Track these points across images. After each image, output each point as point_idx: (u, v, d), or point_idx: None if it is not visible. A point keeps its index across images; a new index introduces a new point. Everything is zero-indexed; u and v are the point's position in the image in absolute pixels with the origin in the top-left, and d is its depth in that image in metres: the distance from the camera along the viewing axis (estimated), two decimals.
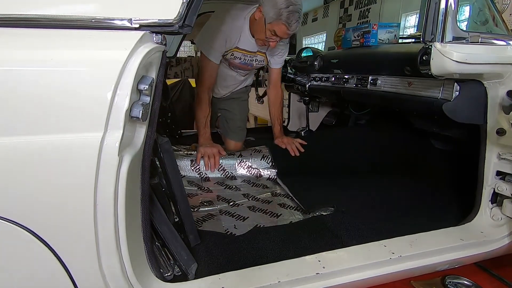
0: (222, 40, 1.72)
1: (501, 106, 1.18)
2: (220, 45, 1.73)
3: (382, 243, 1.15)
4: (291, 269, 1.02)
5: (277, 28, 1.59)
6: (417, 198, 1.51)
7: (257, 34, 1.70)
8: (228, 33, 1.71)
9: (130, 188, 0.78)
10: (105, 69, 0.71)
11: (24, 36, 0.72)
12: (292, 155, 1.87)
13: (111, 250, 0.77)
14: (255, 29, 1.70)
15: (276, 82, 2.06)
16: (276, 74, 2.04)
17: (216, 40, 1.71)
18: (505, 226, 1.24)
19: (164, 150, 1.01)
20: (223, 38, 1.71)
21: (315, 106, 2.74)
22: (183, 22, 0.79)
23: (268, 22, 1.59)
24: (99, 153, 0.70)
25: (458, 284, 1.27)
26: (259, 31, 1.67)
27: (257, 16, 1.64)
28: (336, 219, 1.30)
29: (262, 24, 1.61)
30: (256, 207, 1.49)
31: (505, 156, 1.20)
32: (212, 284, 0.96)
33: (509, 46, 1.21)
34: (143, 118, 0.75)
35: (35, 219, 0.72)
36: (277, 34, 1.62)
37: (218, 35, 1.70)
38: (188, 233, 1.09)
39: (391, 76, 1.59)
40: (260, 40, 1.71)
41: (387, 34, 1.79)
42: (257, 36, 1.71)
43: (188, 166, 1.79)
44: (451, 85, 1.24)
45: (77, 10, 0.76)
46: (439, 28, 1.12)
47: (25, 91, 0.67)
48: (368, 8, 5.78)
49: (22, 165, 0.69)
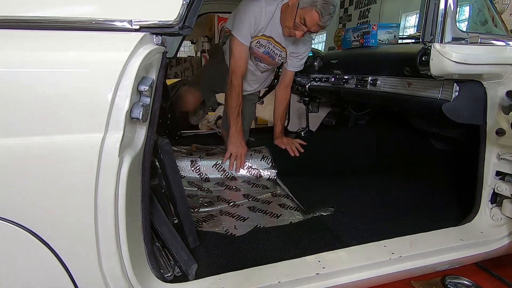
0: (252, 21, 1.70)
1: (501, 106, 1.18)
2: (250, 26, 1.70)
3: (382, 243, 1.16)
4: (291, 270, 1.02)
5: (309, 15, 1.58)
6: (417, 198, 1.51)
7: (287, 21, 1.67)
8: (259, 16, 1.69)
9: (130, 189, 0.78)
10: (105, 70, 0.71)
11: (25, 38, 0.72)
12: (291, 155, 1.88)
13: (111, 251, 0.78)
14: (286, 17, 1.68)
15: (289, 84, 2.08)
16: (290, 77, 2.06)
17: (246, 21, 1.69)
18: (504, 226, 1.25)
19: (164, 151, 1.02)
20: (253, 20, 1.69)
21: (315, 106, 2.74)
22: (183, 24, 0.79)
23: (301, 7, 1.58)
24: (99, 154, 0.71)
25: (458, 284, 1.28)
26: (289, 18, 1.64)
27: (291, 1, 1.63)
28: (336, 219, 1.30)
29: (294, 10, 1.60)
30: (256, 208, 1.49)
31: (505, 156, 1.21)
32: (212, 284, 0.96)
33: (508, 46, 1.21)
34: (144, 119, 0.76)
35: (35, 219, 0.72)
36: (307, 23, 1.60)
37: (249, 15, 1.68)
38: (187, 235, 1.09)
39: (390, 77, 1.59)
40: (287, 27, 1.68)
41: (387, 35, 1.79)
42: (286, 23, 1.68)
43: (188, 166, 1.79)
44: (450, 86, 1.24)
45: (77, 12, 0.76)
46: (439, 28, 1.12)
47: (25, 93, 0.67)
48: (368, 8, 5.79)
49: (23, 166, 0.69)
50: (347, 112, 2.52)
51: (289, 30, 1.69)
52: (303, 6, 1.58)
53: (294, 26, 1.64)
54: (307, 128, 2.52)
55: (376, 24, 1.80)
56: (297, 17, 1.60)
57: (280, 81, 2.07)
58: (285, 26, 1.70)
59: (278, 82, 2.08)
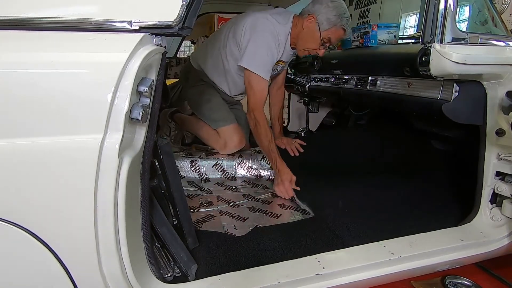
0: (274, 59, 1.72)
1: (501, 106, 1.18)
2: (272, 62, 1.72)
3: (382, 244, 1.15)
4: (291, 270, 1.02)
5: (334, 34, 1.65)
6: (417, 199, 1.51)
7: (307, 44, 1.71)
8: (275, 51, 1.71)
9: (130, 190, 0.78)
10: (105, 71, 0.71)
11: (24, 38, 0.72)
12: (291, 155, 1.87)
13: (111, 251, 0.78)
14: (305, 41, 1.71)
15: (282, 84, 2.10)
16: (283, 77, 2.08)
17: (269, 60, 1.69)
18: (504, 226, 1.24)
19: (164, 152, 1.01)
20: (275, 57, 1.71)
21: (315, 106, 2.74)
22: (182, 24, 0.79)
23: (324, 29, 1.64)
24: (99, 155, 0.71)
25: (458, 284, 1.28)
26: (311, 41, 1.69)
27: (306, 26, 1.67)
28: (336, 219, 1.30)
29: (316, 33, 1.65)
30: (256, 208, 1.49)
31: (505, 157, 1.20)
32: (212, 285, 0.96)
33: (508, 47, 1.20)
34: (143, 120, 0.76)
35: (35, 220, 0.72)
36: (332, 41, 1.68)
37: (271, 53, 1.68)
38: (187, 236, 1.09)
39: (390, 77, 1.59)
40: (309, 49, 1.73)
41: (387, 35, 1.79)
42: (307, 46, 1.72)
43: (188, 166, 1.79)
44: (450, 86, 1.24)
45: (77, 12, 0.76)
46: (438, 29, 1.12)
47: (25, 94, 0.67)
48: (368, 8, 5.77)
49: (23, 167, 0.69)
50: (347, 112, 2.52)
51: (309, 51, 1.74)
52: (326, 28, 1.64)
53: (323, 45, 1.69)
54: (307, 128, 2.52)
55: (376, 24, 1.80)
56: (322, 38, 1.66)
57: (273, 83, 2.07)
58: (305, 48, 1.74)
59: (271, 84, 2.06)
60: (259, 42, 1.66)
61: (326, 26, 1.63)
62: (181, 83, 2.21)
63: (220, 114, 1.92)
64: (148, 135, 0.84)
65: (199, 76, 1.99)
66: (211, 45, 1.97)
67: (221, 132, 1.90)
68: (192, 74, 2.02)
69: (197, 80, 1.99)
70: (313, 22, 1.64)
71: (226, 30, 1.84)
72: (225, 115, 1.93)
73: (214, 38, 1.95)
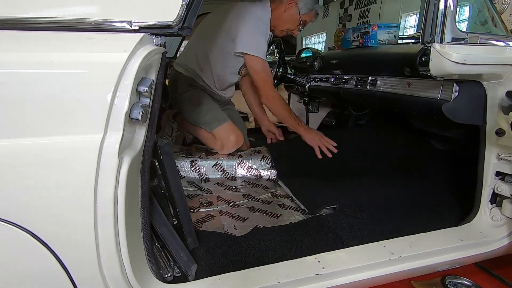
0: (267, 39, 1.86)
1: (500, 106, 1.18)
2: (266, 44, 1.86)
3: (382, 244, 1.15)
4: (291, 270, 1.02)
5: (309, 17, 1.91)
6: (417, 199, 1.51)
7: (286, 25, 1.91)
8: (266, 32, 1.84)
9: (130, 190, 0.78)
10: (104, 71, 0.71)
11: (24, 39, 0.72)
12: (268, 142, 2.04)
13: (111, 251, 0.78)
14: (284, 22, 1.90)
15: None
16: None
17: (263, 41, 1.83)
18: (504, 226, 1.24)
19: (164, 152, 1.01)
20: (267, 38, 1.86)
21: (315, 106, 2.74)
22: (182, 24, 0.79)
23: (304, 13, 1.86)
24: (99, 155, 0.71)
25: (458, 284, 1.28)
26: (290, 23, 1.90)
27: (286, 9, 1.86)
28: (337, 219, 1.30)
29: (293, 16, 1.87)
30: (256, 208, 1.49)
31: (505, 157, 1.20)
32: (211, 285, 0.96)
33: (508, 47, 1.21)
34: (143, 120, 0.76)
35: (35, 221, 0.72)
36: (306, 23, 1.93)
37: (264, 35, 1.82)
38: (187, 236, 1.09)
39: (390, 77, 1.59)
40: (285, 30, 1.93)
41: (387, 35, 1.79)
42: (286, 27, 1.92)
43: (188, 166, 1.79)
44: (450, 86, 1.24)
45: (76, 13, 0.76)
46: (438, 29, 1.12)
47: (24, 94, 0.67)
48: (368, 8, 5.79)
49: (22, 167, 0.69)
50: (347, 112, 2.52)
51: (286, 32, 1.95)
52: (305, 12, 1.87)
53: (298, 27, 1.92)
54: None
55: (376, 24, 1.80)
56: (300, 21, 1.88)
57: (246, 77, 2.11)
58: (284, 29, 1.94)
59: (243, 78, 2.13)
60: (250, 27, 1.79)
61: (304, 11, 1.86)
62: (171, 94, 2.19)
63: (212, 115, 1.94)
64: (148, 135, 0.84)
65: (187, 81, 1.97)
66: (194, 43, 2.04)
67: (216, 134, 1.91)
68: (180, 81, 1.99)
69: (185, 86, 1.97)
70: (294, 7, 1.84)
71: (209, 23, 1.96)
72: (217, 116, 1.94)
73: (197, 36, 2.02)
